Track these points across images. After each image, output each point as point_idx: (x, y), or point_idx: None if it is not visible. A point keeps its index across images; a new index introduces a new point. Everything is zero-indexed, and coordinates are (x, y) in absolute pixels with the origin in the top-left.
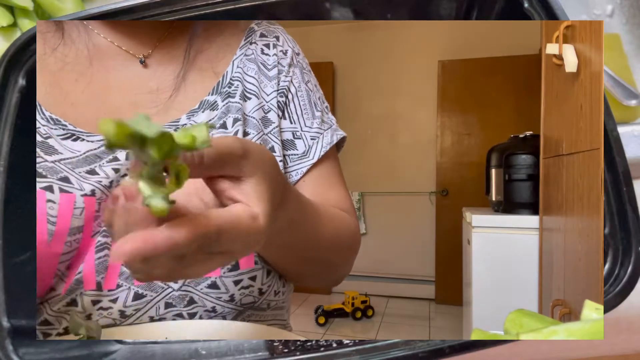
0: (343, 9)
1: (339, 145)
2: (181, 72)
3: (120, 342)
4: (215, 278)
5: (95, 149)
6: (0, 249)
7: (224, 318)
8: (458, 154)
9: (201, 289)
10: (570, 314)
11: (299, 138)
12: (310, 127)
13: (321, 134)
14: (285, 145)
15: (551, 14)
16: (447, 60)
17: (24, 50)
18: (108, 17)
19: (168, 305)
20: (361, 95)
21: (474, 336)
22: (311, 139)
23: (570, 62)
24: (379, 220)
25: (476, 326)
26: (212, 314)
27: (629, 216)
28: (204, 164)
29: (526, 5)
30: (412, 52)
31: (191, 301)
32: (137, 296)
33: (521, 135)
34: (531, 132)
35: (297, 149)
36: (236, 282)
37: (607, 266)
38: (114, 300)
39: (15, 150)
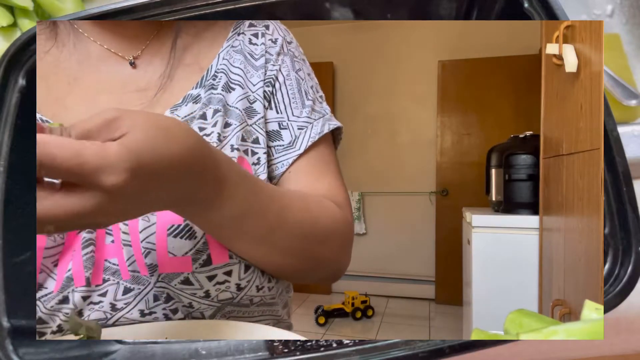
0: (343, 9)
1: (336, 136)
2: (167, 70)
3: (120, 342)
4: (188, 274)
5: None
6: (0, 249)
7: (202, 314)
8: (458, 154)
9: (175, 285)
10: (570, 314)
11: (285, 128)
12: (298, 117)
13: (310, 123)
14: (271, 136)
15: (551, 14)
16: (447, 60)
17: (24, 50)
18: (108, 17)
19: (156, 298)
20: (361, 95)
21: (474, 336)
22: (298, 129)
23: (570, 62)
24: (379, 220)
25: (476, 326)
26: (190, 309)
27: (629, 216)
28: (73, 137)
29: (526, 5)
30: (412, 52)
31: (168, 297)
32: (127, 290)
33: (521, 135)
34: (531, 132)
35: (282, 140)
36: (210, 278)
37: (607, 266)
38: (104, 294)
39: (15, 150)
